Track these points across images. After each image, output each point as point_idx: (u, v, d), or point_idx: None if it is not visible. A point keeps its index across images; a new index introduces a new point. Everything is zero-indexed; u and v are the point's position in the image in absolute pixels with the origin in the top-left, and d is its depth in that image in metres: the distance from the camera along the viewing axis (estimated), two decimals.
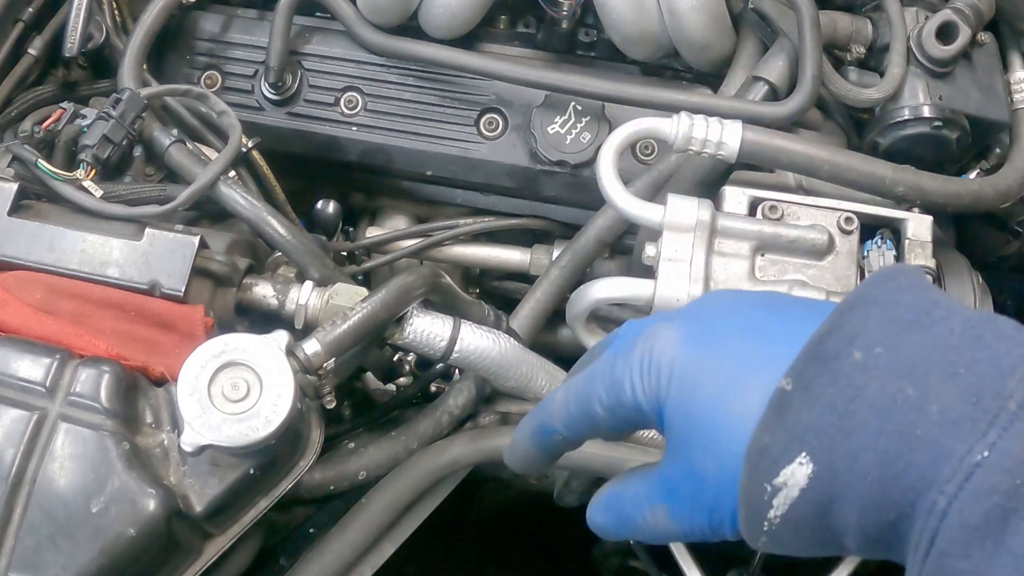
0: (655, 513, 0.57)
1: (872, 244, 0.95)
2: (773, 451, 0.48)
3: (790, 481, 0.47)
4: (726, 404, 0.51)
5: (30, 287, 0.80)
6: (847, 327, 0.48)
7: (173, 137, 0.93)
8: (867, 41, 1.06)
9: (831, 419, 0.46)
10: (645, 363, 0.54)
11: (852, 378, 0.46)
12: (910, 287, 0.50)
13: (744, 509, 0.50)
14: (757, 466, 0.48)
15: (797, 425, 0.47)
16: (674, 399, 0.53)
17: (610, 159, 0.90)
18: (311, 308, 0.86)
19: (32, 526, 0.71)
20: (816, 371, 0.47)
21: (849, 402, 0.46)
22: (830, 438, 0.46)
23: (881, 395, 0.46)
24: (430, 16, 1.06)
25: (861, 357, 0.47)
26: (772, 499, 0.48)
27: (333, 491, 0.92)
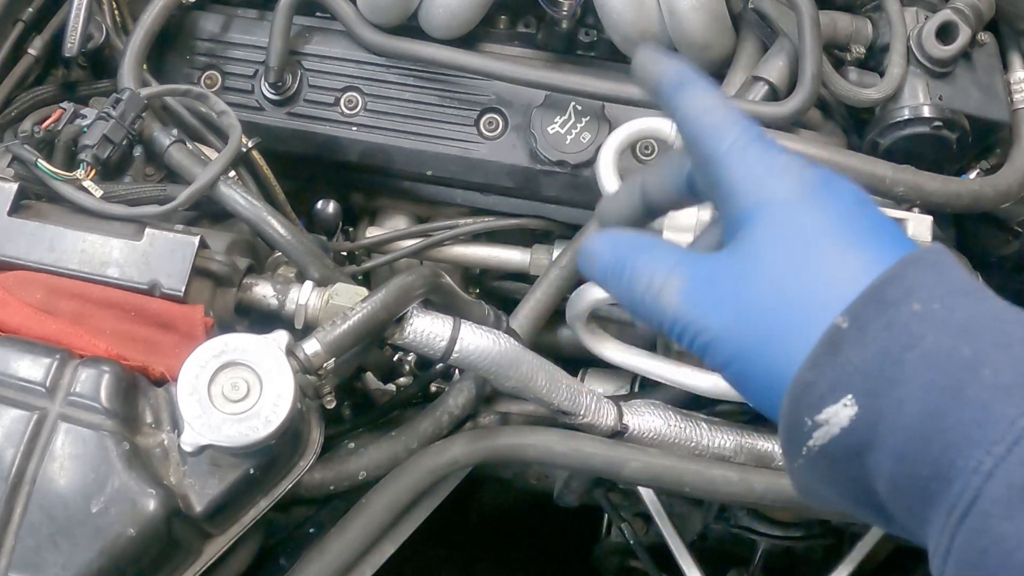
0: (667, 284, 0.54)
1: None
2: (819, 387, 0.47)
3: (832, 420, 0.47)
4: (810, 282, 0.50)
5: (30, 287, 0.80)
6: (909, 278, 0.48)
7: (173, 137, 0.93)
8: (867, 41, 1.06)
9: (882, 365, 0.46)
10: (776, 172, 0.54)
11: (909, 327, 0.46)
12: (957, 264, 0.50)
13: (784, 433, 0.50)
14: (800, 400, 0.48)
15: (847, 365, 0.47)
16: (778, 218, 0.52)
17: (610, 159, 0.90)
18: (311, 308, 0.86)
19: (32, 526, 0.71)
20: (874, 314, 0.47)
21: (903, 350, 0.46)
22: (878, 383, 0.46)
23: (936, 349, 0.46)
24: (430, 16, 1.06)
25: (920, 309, 0.47)
26: (812, 431, 0.48)
27: (333, 491, 0.92)
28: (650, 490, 1.25)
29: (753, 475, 0.95)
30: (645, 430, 0.96)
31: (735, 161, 0.54)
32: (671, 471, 0.94)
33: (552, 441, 0.94)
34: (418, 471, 0.93)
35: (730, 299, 0.52)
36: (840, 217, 0.52)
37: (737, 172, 0.54)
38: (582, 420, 0.94)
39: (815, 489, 0.51)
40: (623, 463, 0.93)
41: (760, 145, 0.55)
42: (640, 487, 1.24)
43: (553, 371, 0.92)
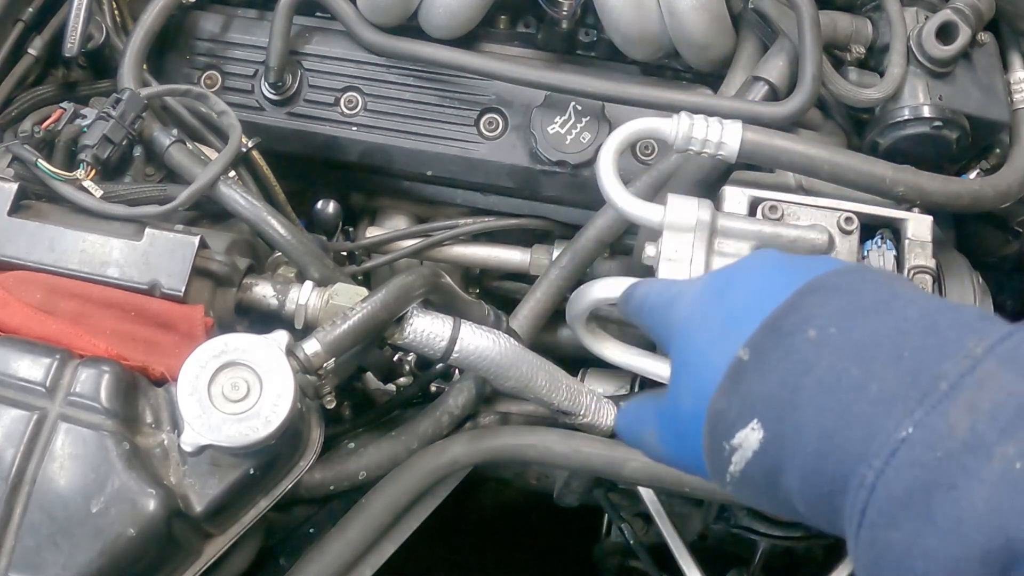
0: (650, 435, 0.62)
1: (872, 244, 0.95)
2: (729, 415, 0.51)
3: (744, 443, 0.51)
4: (705, 354, 0.55)
5: (30, 287, 0.80)
6: (806, 307, 0.51)
7: (173, 137, 0.93)
8: (867, 41, 1.06)
9: (781, 392, 0.50)
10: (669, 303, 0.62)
11: (804, 354, 0.49)
12: (873, 280, 0.52)
13: (708, 460, 0.54)
14: (715, 426, 0.52)
15: (749, 394, 0.51)
16: (676, 341, 0.59)
17: (610, 159, 0.89)
18: (311, 308, 0.86)
19: (32, 526, 0.71)
20: (771, 344, 0.51)
21: (799, 376, 0.49)
22: (779, 409, 0.49)
23: (828, 373, 0.48)
24: (430, 16, 1.06)
25: (815, 335, 0.50)
26: (731, 456, 0.52)
27: (333, 491, 0.93)
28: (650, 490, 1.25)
29: None
30: None
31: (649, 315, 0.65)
32: (671, 471, 0.93)
33: (552, 441, 0.94)
34: (418, 471, 0.93)
35: (673, 427, 0.58)
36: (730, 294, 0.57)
37: (652, 323, 0.64)
38: (582, 420, 0.94)
39: (746, 501, 0.57)
40: (623, 463, 0.93)
41: (660, 287, 0.65)
42: (640, 487, 1.24)
43: (553, 371, 0.92)
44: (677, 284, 0.64)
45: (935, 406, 0.45)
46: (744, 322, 0.52)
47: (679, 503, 1.30)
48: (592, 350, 0.96)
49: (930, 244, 0.95)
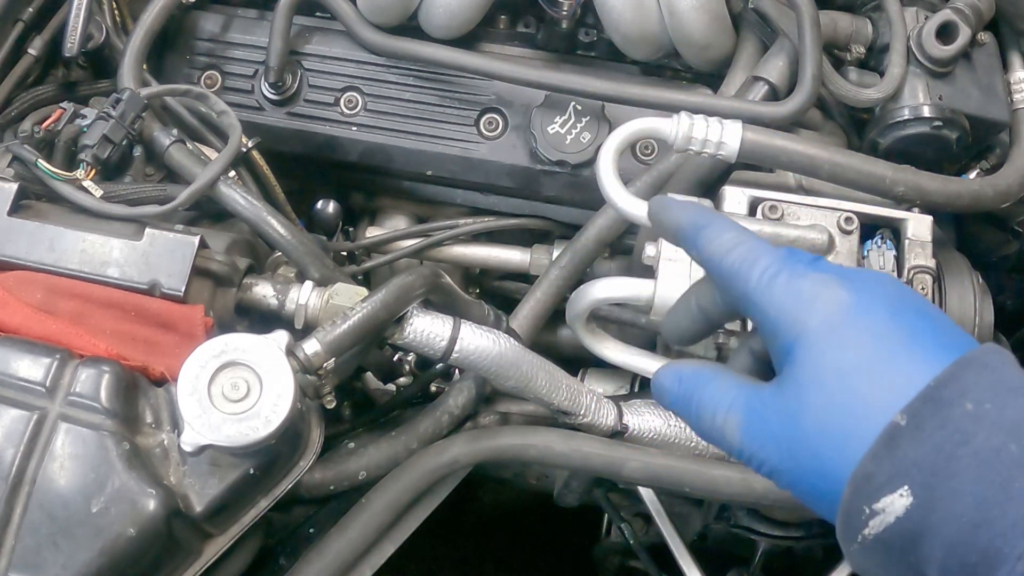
0: (728, 420, 0.59)
1: (872, 244, 0.95)
2: (878, 479, 0.51)
3: (888, 508, 0.51)
4: (860, 395, 0.54)
5: (30, 287, 0.80)
6: (963, 380, 0.52)
7: (173, 137, 0.93)
8: (867, 41, 1.06)
9: (937, 459, 0.50)
10: (805, 302, 0.57)
11: (962, 425, 0.50)
12: (1014, 363, 0.54)
13: (842, 520, 0.54)
14: (860, 489, 0.52)
15: (904, 460, 0.51)
16: (812, 352, 0.56)
17: (610, 159, 0.89)
18: (311, 308, 0.86)
19: (32, 526, 0.71)
20: (930, 413, 0.51)
21: (956, 446, 0.50)
22: (933, 476, 0.50)
23: (986, 446, 0.50)
24: (430, 16, 1.06)
25: (972, 408, 0.51)
26: (869, 520, 0.52)
27: (333, 491, 0.92)
28: (650, 490, 1.25)
29: (753, 475, 0.94)
30: (645, 430, 0.96)
31: (764, 299, 0.58)
32: (671, 471, 0.94)
33: (552, 441, 0.94)
34: (418, 471, 0.93)
35: (781, 434, 0.56)
36: (879, 332, 0.55)
37: (769, 310, 0.58)
38: (582, 420, 0.94)
39: (869, 571, 0.55)
40: (623, 463, 0.93)
41: (785, 276, 0.58)
42: (640, 487, 1.24)
43: (553, 371, 0.92)
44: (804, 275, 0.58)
45: None
46: (900, 385, 0.52)
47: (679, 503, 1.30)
48: (592, 350, 0.96)
49: (930, 244, 0.95)
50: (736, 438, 0.59)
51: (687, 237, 0.64)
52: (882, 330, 0.55)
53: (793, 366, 0.57)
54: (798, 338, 0.56)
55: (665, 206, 0.68)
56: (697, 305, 0.66)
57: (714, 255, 0.61)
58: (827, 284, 0.57)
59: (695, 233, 0.63)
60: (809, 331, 0.56)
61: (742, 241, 0.61)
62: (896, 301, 0.57)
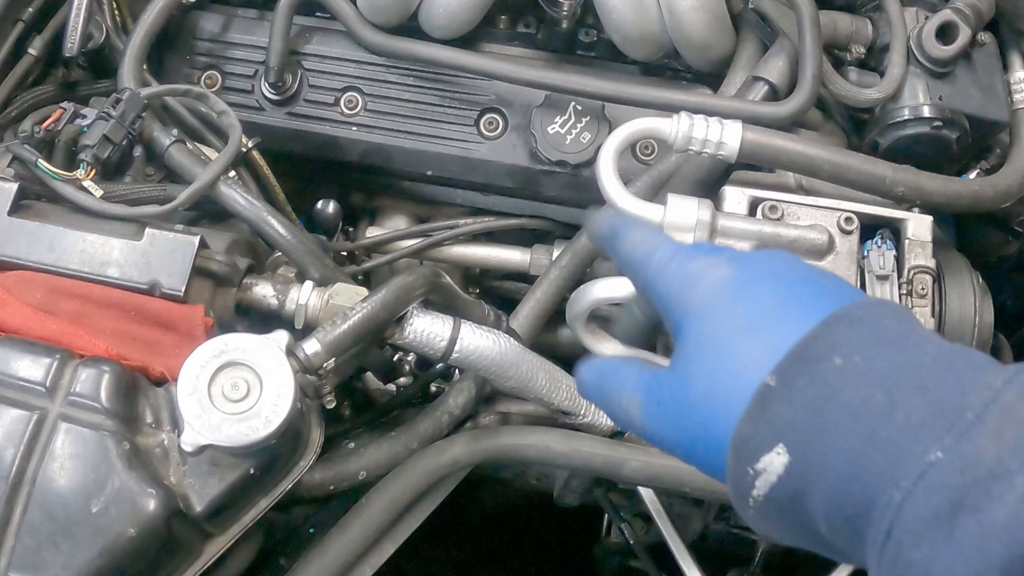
0: (631, 401, 0.62)
1: (872, 244, 0.95)
2: (755, 440, 0.52)
3: (769, 468, 0.52)
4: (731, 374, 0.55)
5: (30, 287, 0.80)
6: (832, 336, 0.53)
7: (173, 137, 0.93)
8: (867, 41, 1.06)
9: (807, 416, 0.51)
10: (690, 282, 0.60)
11: (830, 381, 0.51)
12: (894, 315, 0.54)
13: (731, 485, 0.55)
14: (740, 452, 0.53)
15: (776, 419, 0.52)
16: (694, 327, 0.58)
17: (610, 159, 0.89)
18: (311, 308, 0.86)
19: (32, 526, 0.71)
20: (798, 371, 0.52)
21: (824, 402, 0.51)
22: (804, 433, 0.51)
23: (854, 398, 0.50)
24: (430, 16, 1.06)
25: (841, 363, 0.51)
26: (754, 480, 0.53)
27: (333, 491, 0.92)
28: (650, 490, 1.25)
29: None
30: None
31: (659, 281, 0.62)
32: (671, 471, 0.94)
33: (552, 441, 0.94)
34: (418, 471, 0.93)
35: (672, 410, 0.59)
36: (757, 299, 0.57)
37: (661, 293, 0.62)
38: (582, 420, 0.94)
39: (772, 534, 0.56)
40: (623, 463, 0.93)
41: (677, 262, 0.62)
42: (640, 487, 1.24)
43: (553, 371, 0.92)
44: (694, 259, 0.61)
45: (962, 434, 0.47)
46: (771, 346, 0.54)
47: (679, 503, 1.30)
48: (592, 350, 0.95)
49: (930, 244, 0.95)
50: (639, 419, 0.61)
51: (607, 242, 0.68)
52: (761, 297, 0.57)
53: (679, 342, 0.59)
54: (683, 315, 0.59)
55: (591, 218, 0.71)
56: (637, 307, 0.69)
57: (623, 253, 0.66)
58: (713, 264, 0.60)
59: (612, 237, 0.67)
60: (692, 307, 0.59)
61: (647, 238, 0.65)
62: (781, 270, 0.59)
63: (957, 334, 0.96)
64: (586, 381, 0.68)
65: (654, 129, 0.91)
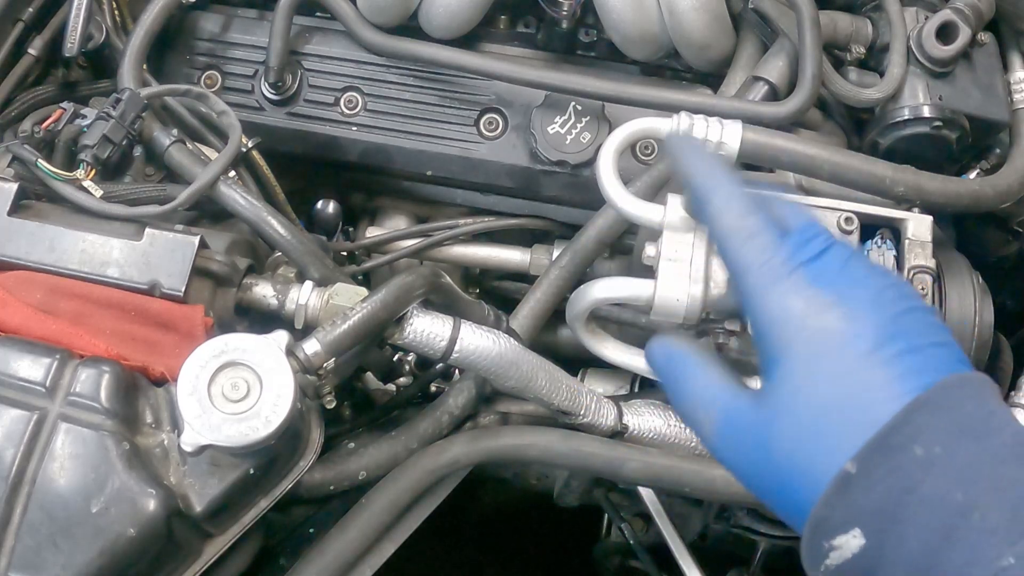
0: (706, 417, 0.61)
1: (872, 244, 0.95)
2: (832, 522, 0.54)
3: (844, 546, 0.54)
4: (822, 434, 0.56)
5: (30, 287, 0.80)
6: (912, 425, 0.54)
7: (173, 137, 0.93)
8: (867, 41, 1.06)
9: (885, 506, 0.53)
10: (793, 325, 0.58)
11: (910, 472, 0.53)
12: (973, 396, 0.55)
13: (805, 551, 0.56)
14: (817, 528, 0.55)
15: (853, 506, 0.54)
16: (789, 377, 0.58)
17: (610, 159, 0.89)
18: (311, 308, 0.86)
19: (32, 526, 0.71)
20: (879, 460, 0.53)
21: (904, 493, 0.53)
22: (881, 522, 0.53)
23: (932, 493, 0.52)
24: (430, 16, 1.06)
25: (922, 454, 0.53)
26: (828, 552, 0.54)
27: (333, 491, 0.92)
28: (650, 490, 1.25)
29: None
30: (645, 430, 0.96)
31: (758, 306, 0.60)
32: (671, 471, 0.94)
33: (552, 441, 0.94)
34: (418, 471, 0.93)
35: (752, 454, 0.59)
36: (857, 366, 0.56)
37: (761, 318, 0.60)
38: (582, 420, 0.94)
39: None
40: (623, 463, 0.93)
41: (781, 287, 0.59)
42: (640, 487, 1.24)
43: (553, 371, 0.92)
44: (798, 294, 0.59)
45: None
46: (857, 425, 0.54)
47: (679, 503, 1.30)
48: (592, 350, 0.96)
49: (930, 244, 0.95)
50: (711, 439, 0.62)
51: (697, 200, 0.64)
52: (860, 363, 0.56)
53: (773, 385, 0.58)
54: (781, 357, 0.58)
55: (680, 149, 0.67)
56: None
57: (720, 236, 0.62)
58: (820, 309, 0.58)
59: (704, 199, 0.63)
60: (792, 354, 0.58)
61: (744, 224, 0.61)
62: (886, 326, 0.57)
63: (957, 334, 0.96)
64: (653, 360, 0.67)
65: (654, 129, 0.91)
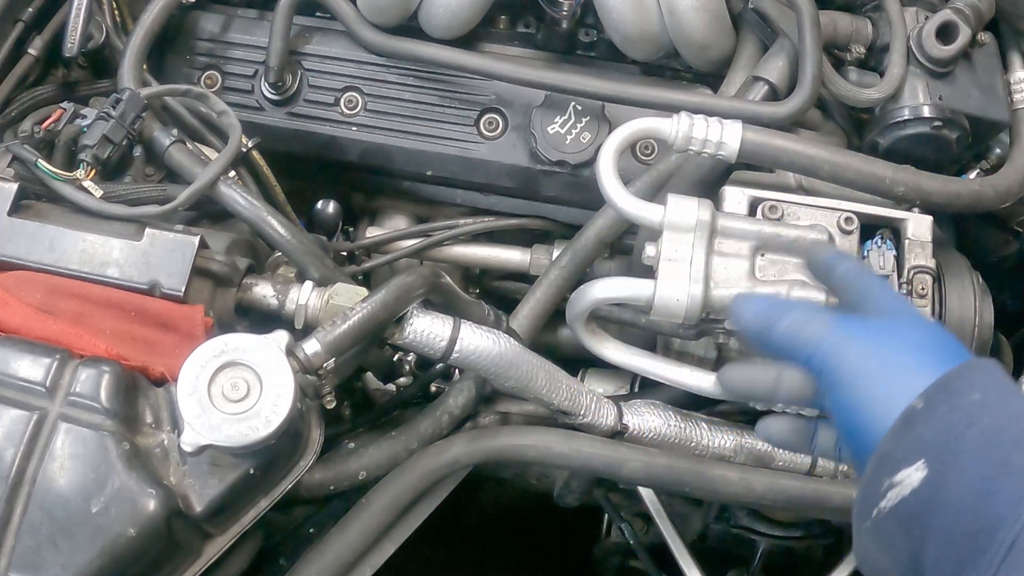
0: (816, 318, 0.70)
1: (872, 244, 0.95)
2: (897, 455, 0.60)
3: (905, 481, 0.58)
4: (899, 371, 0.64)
5: (30, 287, 0.80)
6: (970, 375, 0.62)
7: (173, 137, 0.93)
8: (867, 41, 1.06)
9: (948, 438, 0.58)
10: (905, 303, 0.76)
11: (969, 411, 0.59)
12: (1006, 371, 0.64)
13: (861, 494, 0.62)
14: (880, 464, 0.60)
15: (919, 438, 0.59)
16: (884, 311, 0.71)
17: (610, 159, 0.89)
18: (311, 308, 0.86)
19: (32, 526, 0.71)
20: (942, 399, 0.60)
21: (965, 428, 0.58)
22: (944, 452, 0.58)
23: (991, 427, 0.58)
24: (430, 16, 1.06)
25: (979, 398, 0.60)
26: (886, 492, 0.59)
27: (333, 491, 0.92)
28: (650, 490, 1.25)
29: (753, 475, 0.95)
30: (645, 430, 0.96)
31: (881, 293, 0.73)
32: (671, 471, 0.94)
33: (552, 441, 0.94)
34: (418, 471, 0.93)
35: (864, 343, 0.67)
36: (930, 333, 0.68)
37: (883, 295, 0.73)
38: (582, 420, 0.94)
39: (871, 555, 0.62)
40: (623, 463, 0.93)
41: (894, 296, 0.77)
42: (640, 487, 1.24)
43: (553, 371, 0.92)
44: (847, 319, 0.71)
45: None
46: (920, 376, 0.62)
47: (679, 503, 1.30)
48: (592, 350, 0.96)
49: (930, 244, 0.95)
50: (823, 328, 0.69)
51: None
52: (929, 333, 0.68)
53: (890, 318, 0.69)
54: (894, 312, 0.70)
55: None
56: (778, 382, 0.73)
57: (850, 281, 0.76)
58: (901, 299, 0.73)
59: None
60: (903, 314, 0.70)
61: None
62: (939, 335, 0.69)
63: (957, 334, 0.96)
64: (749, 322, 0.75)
65: (654, 129, 0.91)
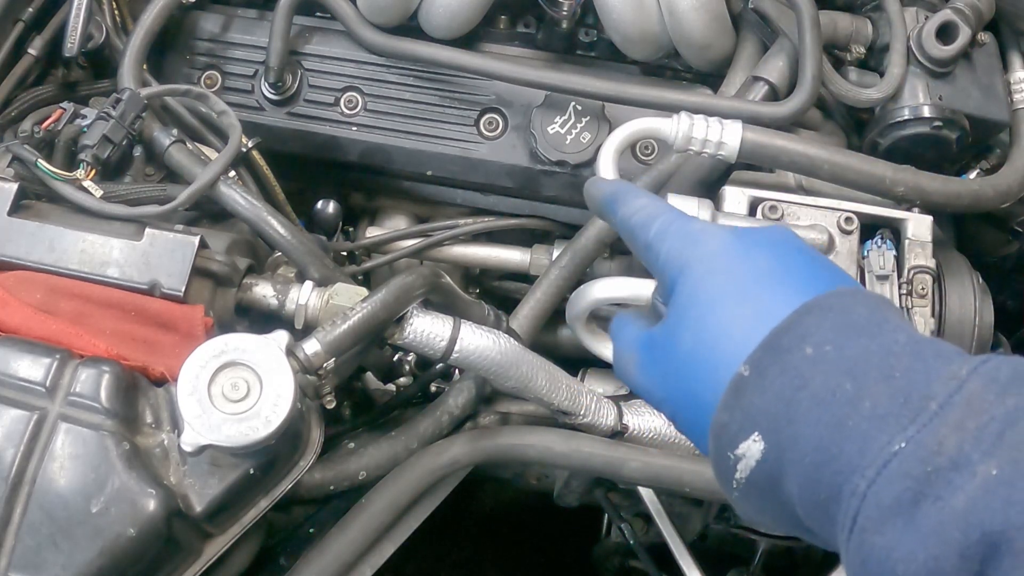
0: (630, 362, 0.65)
1: (872, 244, 0.95)
2: (732, 428, 0.55)
3: (748, 453, 0.54)
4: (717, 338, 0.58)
5: (30, 287, 0.80)
6: (803, 326, 0.54)
7: (173, 137, 0.93)
8: (867, 41, 1.06)
9: (779, 405, 0.53)
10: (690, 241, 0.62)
11: (800, 370, 0.53)
12: (868, 304, 0.55)
13: (715, 468, 0.57)
14: (720, 438, 0.55)
15: (750, 408, 0.54)
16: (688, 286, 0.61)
17: (610, 159, 0.90)
18: (311, 308, 0.86)
19: (32, 526, 0.71)
20: (770, 361, 0.54)
21: (795, 391, 0.52)
22: (776, 422, 0.53)
23: (823, 388, 0.52)
24: (430, 16, 1.06)
25: (811, 352, 0.53)
26: (736, 464, 0.55)
27: (333, 491, 0.92)
28: (650, 490, 1.25)
29: None
30: (645, 430, 0.96)
31: (660, 241, 0.64)
32: (671, 471, 0.94)
33: (552, 441, 0.94)
34: (418, 471, 0.93)
35: (662, 370, 0.62)
36: (749, 271, 0.59)
37: (662, 250, 0.64)
38: (582, 420, 0.94)
39: (756, 517, 0.58)
40: (623, 463, 0.93)
41: (680, 223, 0.64)
42: (640, 487, 1.24)
43: (553, 371, 0.92)
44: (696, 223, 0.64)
45: (926, 424, 0.48)
46: (750, 329, 0.55)
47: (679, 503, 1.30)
48: (592, 350, 0.96)
49: (930, 244, 0.95)
50: (635, 378, 0.65)
51: (607, 207, 0.71)
52: (753, 269, 0.59)
53: (672, 300, 0.61)
54: (679, 273, 0.61)
55: (592, 184, 0.75)
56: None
57: (624, 217, 0.68)
58: (714, 229, 0.62)
59: (611, 204, 0.70)
60: (689, 266, 0.61)
61: (648, 203, 0.67)
62: (778, 243, 0.61)
63: (957, 334, 0.96)
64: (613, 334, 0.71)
65: (654, 129, 0.91)
